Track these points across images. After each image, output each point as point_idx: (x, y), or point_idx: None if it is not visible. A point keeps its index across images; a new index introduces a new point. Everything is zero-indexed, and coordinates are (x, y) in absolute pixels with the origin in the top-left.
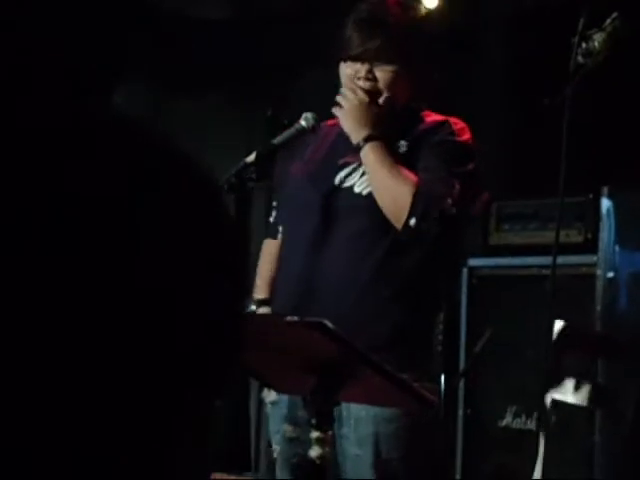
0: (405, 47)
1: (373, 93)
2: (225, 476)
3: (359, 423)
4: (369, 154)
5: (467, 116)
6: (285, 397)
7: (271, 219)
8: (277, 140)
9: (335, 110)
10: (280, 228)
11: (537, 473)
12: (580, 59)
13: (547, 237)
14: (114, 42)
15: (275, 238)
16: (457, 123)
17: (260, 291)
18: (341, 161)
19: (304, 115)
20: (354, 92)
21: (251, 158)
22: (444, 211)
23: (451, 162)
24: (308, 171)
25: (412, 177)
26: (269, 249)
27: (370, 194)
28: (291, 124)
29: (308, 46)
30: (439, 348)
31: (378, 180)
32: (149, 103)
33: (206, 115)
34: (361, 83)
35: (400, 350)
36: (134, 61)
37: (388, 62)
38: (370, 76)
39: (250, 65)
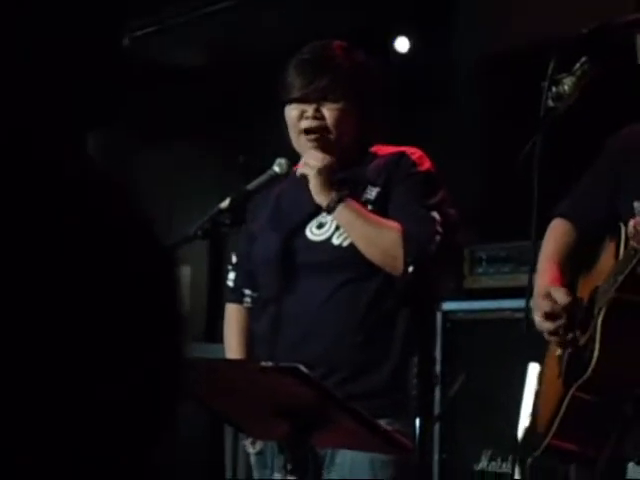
0: (351, 85)
1: (324, 135)
2: None
3: (355, 468)
4: (344, 214)
5: (438, 160)
6: (269, 446)
7: (230, 282)
8: (250, 186)
9: (301, 171)
10: (246, 291)
11: None
12: (550, 103)
13: (521, 280)
14: (88, 93)
15: (241, 303)
16: (414, 153)
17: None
18: (309, 211)
19: (277, 161)
20: (316, 157)
21: (225, 204)
22: (436, 248)
23: (423, 196)
24: (277, 224)
25: (394, 225)
26: (236, 316)
27: (351, 244)
28: (264, 170)
29: (278, 91)
30: (413, 392)
31: (361, 237)
32: (123, 150)
33: (179, 162)
34: (307, 122)
35: (381, 397)
36: (107, 110)
37: (335, 100)
38: (318, 115)
39: (222, 111)
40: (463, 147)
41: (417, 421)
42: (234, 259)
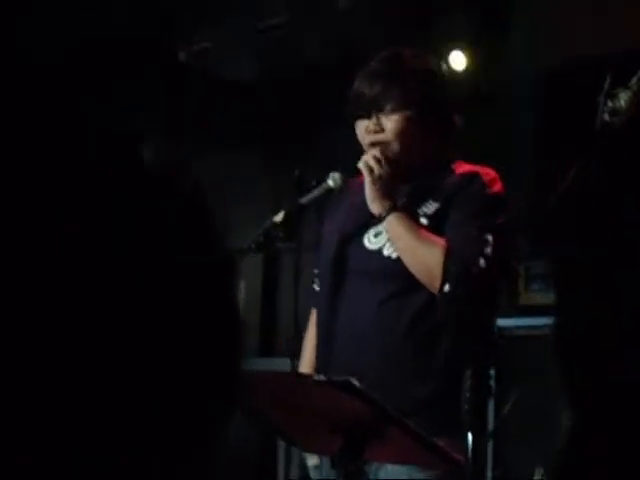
0: (414, 92)
1: (386, 148)
2: None
3: None
4: (394, 225)
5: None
6: (324, 459)
7: (315, 286)
8: (305, 200)
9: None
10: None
11: None
12: (606, 117)
13: None
14: (145, 102)
15: None
16: (488, 174)
17: (305, 366)
18: (369, 219)
19: (331, 175)
20: (378, 162)
21: (279, 217)
22: (479, 270)
23: (481, 216)
24: (339, 232)
25: (440, 242)
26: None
27: (399, 258)
28: (319, 184)
29: (334, 103)
30: (465, 407)
31: (405, 250)
32: (178, 161)
33: (232, 174)
34: (370, 137)
35: (432, 413)
36: (164, 120)
37: (392, 110)
38: (377, 128)
39: (276, 124)
40: (518, 163)
41: (469, 436)
42: (316, 270)
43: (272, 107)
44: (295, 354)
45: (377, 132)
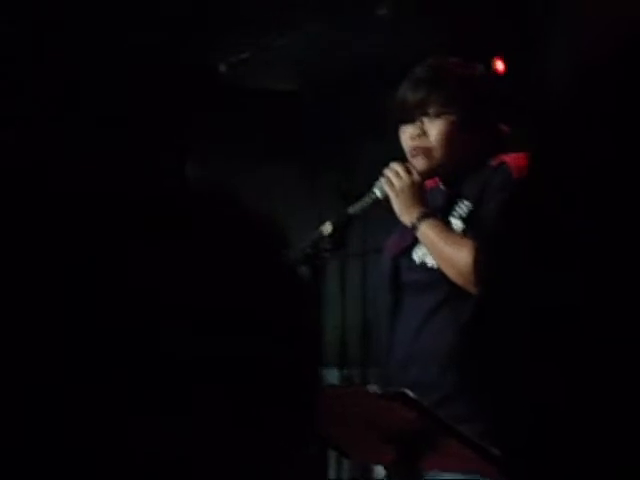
0: (458, 97)
1: (428, 155)
2: None
3: None
4: (426, 233)
5: None
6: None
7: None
8: (352, 210)
9: (385, 187)
10: None
11: None
12: None
13: None
14: (187, 118)
15: None
16: (516, 160)
17: None
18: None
19: (378, 184)
20: (397, 174)
21: (327, 229)
22: None
23: None
24: (395, 247)
25: (468, 242)
26: None
27: None
28: (362, 195)
29: (376, 113)
30: None
31: (437, 256)
32: (220, 173)
33: (274, 186)
34: (414, 142)
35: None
36: (205, 133)
37: (437, 115)
38: (422, 133)
39: (319, 135)
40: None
41: None
42: None
43: (314, 117)
44: (343, 364)
45: (421, 137)
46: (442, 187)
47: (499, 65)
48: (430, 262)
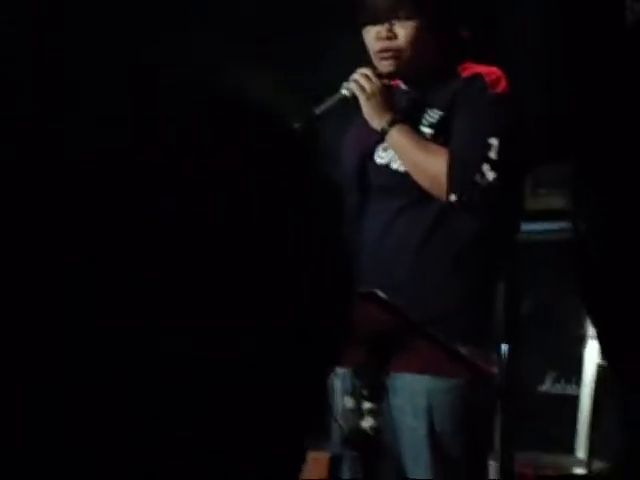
0: (425, 0)
1: (399, 56)
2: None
3: (414, 395)
4: (395, 138)
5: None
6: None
7: None
8: (319, 110)
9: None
10: None
11: (580, 440)
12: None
13: None
14: None
15: None
16: (491, 73)
17: None
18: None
19: (345, 84)
20: (367, 78)
21: None
22: (483, 177)
23: (484, 120)
24: (358, 146)
25: (442, 151)
26: None
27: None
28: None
29: (343, 10)
30: (498, 317)
31: (409, 162)
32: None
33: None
34: (382, 44)
35: (458, 321)
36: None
37: (407, 17)
38: (391, 34)
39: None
40: (527, 60)
41: (503, 347)
42: None
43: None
44: None
45: (389, 39)
46: (404, 87)
47: None
48: (395, 165)
